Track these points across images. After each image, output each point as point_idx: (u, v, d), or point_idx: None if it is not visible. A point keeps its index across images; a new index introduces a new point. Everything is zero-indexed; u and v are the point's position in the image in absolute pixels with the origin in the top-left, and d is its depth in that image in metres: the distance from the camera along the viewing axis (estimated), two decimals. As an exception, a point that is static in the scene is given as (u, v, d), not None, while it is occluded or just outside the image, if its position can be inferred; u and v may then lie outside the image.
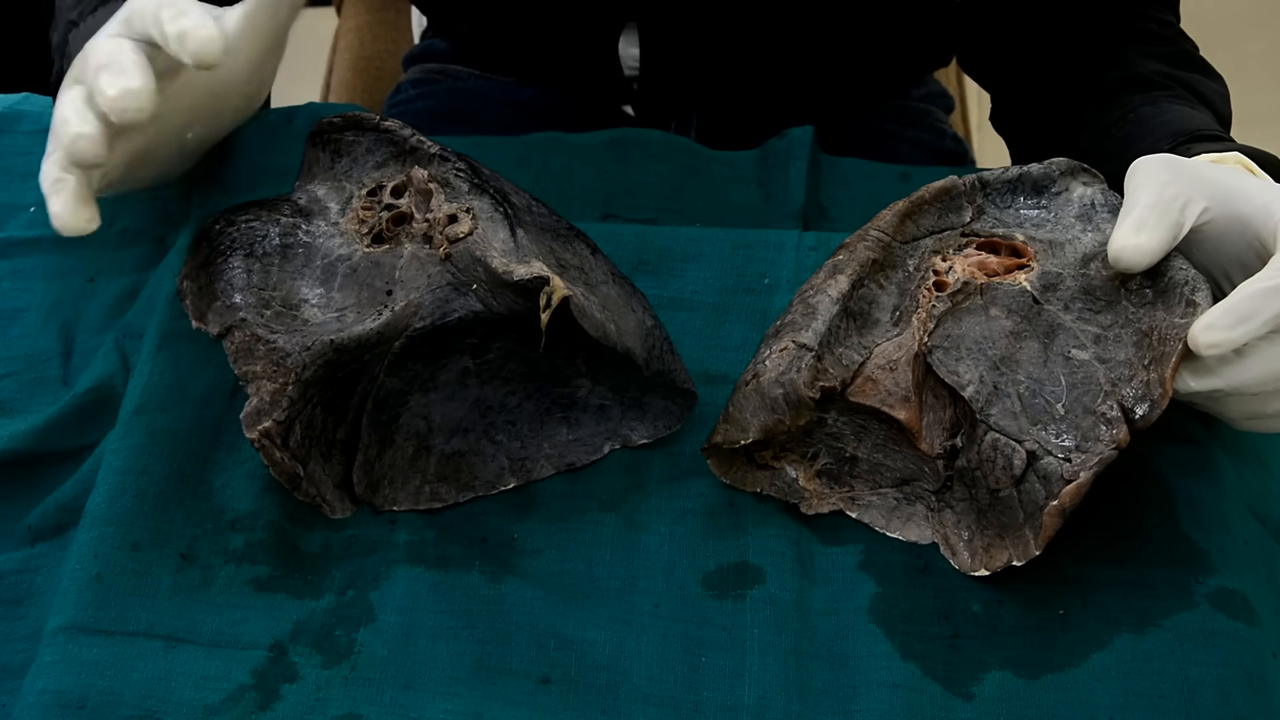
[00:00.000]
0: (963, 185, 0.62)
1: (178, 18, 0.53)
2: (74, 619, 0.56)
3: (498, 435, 0.62)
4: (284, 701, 0.54)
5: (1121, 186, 0.63)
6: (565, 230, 0.62)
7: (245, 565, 0.58)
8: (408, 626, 0.56)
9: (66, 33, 0.68)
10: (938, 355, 0.57)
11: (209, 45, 0.52)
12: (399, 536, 0.59)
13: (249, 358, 0.57)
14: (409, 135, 0.63)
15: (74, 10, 0.68)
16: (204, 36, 0.52)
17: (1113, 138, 0.71)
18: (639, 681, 0.55)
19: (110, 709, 0.54)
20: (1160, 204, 0.55)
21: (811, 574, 0.58)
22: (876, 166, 0.78)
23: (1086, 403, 0.55)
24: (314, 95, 1.24)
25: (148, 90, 0.53)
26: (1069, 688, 0.54)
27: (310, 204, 0.63)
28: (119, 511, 0.59)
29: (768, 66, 0.87)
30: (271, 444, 0.55)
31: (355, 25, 1.23)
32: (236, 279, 0.59)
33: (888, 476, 0.60)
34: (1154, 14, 0.77)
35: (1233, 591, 0.56)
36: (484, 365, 0.61)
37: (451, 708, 0.54)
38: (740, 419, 0.58)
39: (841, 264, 0.60)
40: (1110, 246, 0.56)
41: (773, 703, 0.54)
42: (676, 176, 0.76)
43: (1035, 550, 0.54)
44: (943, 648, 0.56)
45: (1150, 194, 0.55)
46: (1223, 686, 0.54)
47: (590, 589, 0.58)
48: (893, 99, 0.99)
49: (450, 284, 0.58)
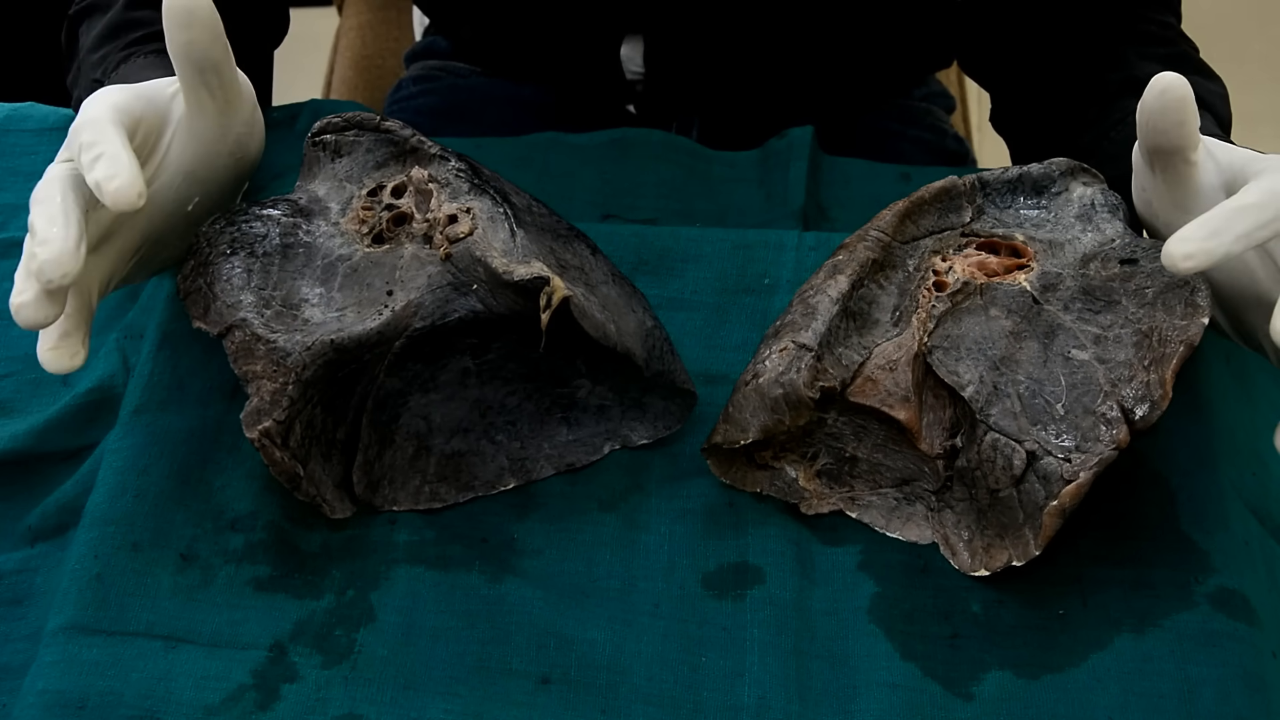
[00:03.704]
0: (963, 185, 0.62)
1: (94, 165, 0.52)
2: (74, 619, 0.56)
3: (498, 435, 0.62)
4: (284, 701, 0.54)
5: (1121, 188, 0.63)
6: (565, 230, 0.62)
7: (245, 565, 0.58)
8: (408, 626, 0.56)
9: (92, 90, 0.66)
10: (937, 355, 0.57)
11: (123, 195, 0.51)
12: (399, 536, 0.59)
13: (249, 358, 0.57)
14: (409, 135, 0.63)
15: (98, 69, 0.67)
16: (116, 187, 0.51)
17: (1112, 140, 0.71)
18: (639, 681, 0.55)
19: (110, 709, 0.54)
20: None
21: (811, 574, 0.58)
22: (876, 166, 0.78)
23: (1086, 403, 0.55)
24: (315, 93, 1.24)
25: (67, 255, 0.50)
26: (1069, 688, 0.54)
27: (311, 204, 0.63)
28: (119, 511, 0.59)
29: (771, 71, 0.87)
30: (271, 444, 0.56)
31: (356, 24, 1.24)
32: (237, 279, 0.59)
33: (888, 476, 0.60)
34: (1154, 15, 0.77)
35: (1233, 591, 0.56)
36: (484, 365, 0.61)
37: (451, 708, 0.54)
38: (740, 419, 0.58)
39: (841, 264, 0.60)
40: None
41: (773, 703, 0.54)
42: (676, 176, 0.76)
43: (1035, 550, 0.54)
44: (943, 648, 0.56)
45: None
46: (1223, 686, 0.54)
47: (590, 589, 0.58)
48: (894, 99, 0.99)
49: (450, 284, 0.58)
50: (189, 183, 0.60)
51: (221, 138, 0.60)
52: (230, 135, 0.61)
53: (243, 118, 0.62)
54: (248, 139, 0.63)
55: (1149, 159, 0.58)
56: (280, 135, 0.75)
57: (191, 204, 0.61)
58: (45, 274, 0.50)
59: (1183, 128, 0.55)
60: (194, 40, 0.56)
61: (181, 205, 0.61)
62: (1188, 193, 0.57)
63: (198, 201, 0.62)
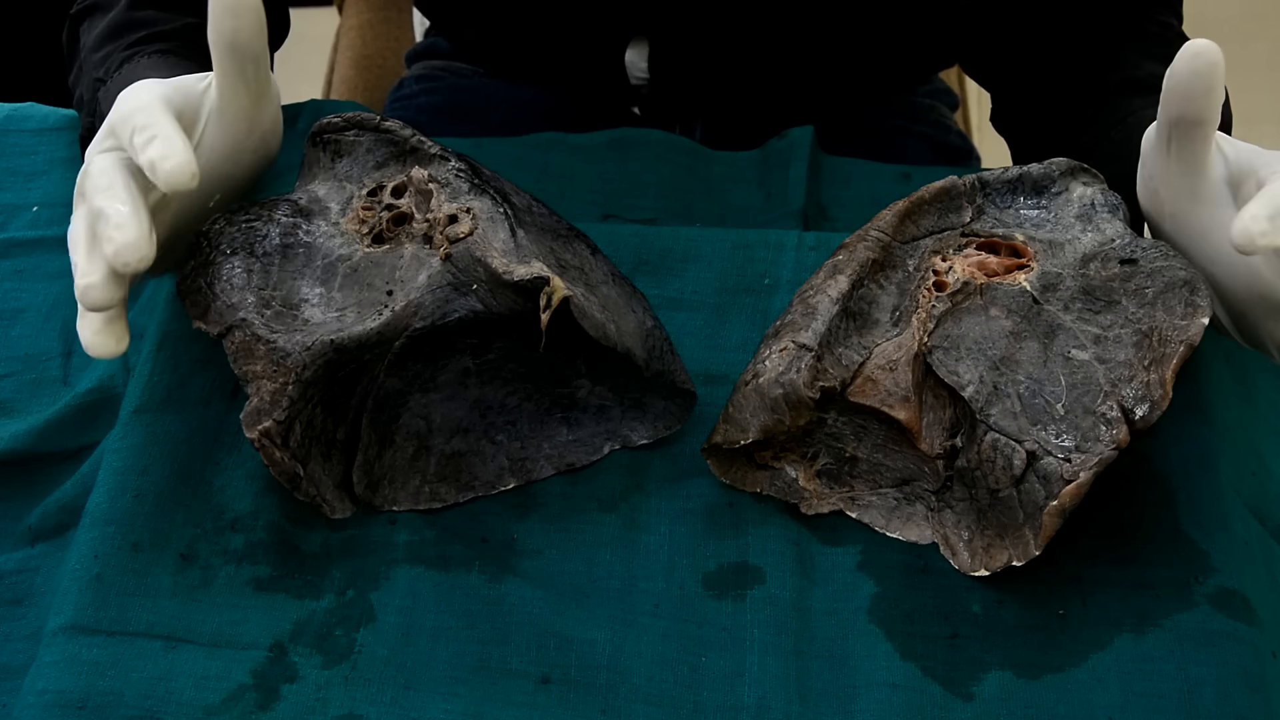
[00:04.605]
0: (963, 185, 0.62)
1: (147, 146, 0.52)
2: (74, 619, 0.56)
3: (498, 435, 0.62)
4: (284, 701, 0.54)
5: (1121, 188, 0.63)
6: (565, 230, 0.62)
7: (245, 565, 0.58)
8: (408, 626, 0.56)
9: (95, 90, 0.67)
10: (937, 355, 0.57)
11: (177, 175, 0.52)
12: (399, 536, 0.59)
13: (249, 358, 0.57)
14: (409, 135, 0.63)
15: (100, 68, 0.67)
16: (171, 167, 0.52)
17: (1112, 140, 0.71)
18: (639, 681, 0.55)
19: (110, 709, 0.54)
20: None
21: (811, 574, 0.58)
22: (876, 166, 0.78)
23: (1086, 403, 0.55)
24: (316, 94, 1.25)
25: (143, 239, 0.52)
26: (1069, 688, 0.54)
27: (311, 204, 0.63)
28: (119, 511, 0.59)
29: (775, 74, 0.87)
30: (271, 444, 0.56)
31: (357, 24, 1.24)
32: (237, 279, 0.59)
33: (888, 476, 0.60)
34: (1155, 16, 0.77)
35: (1233, 591, 0.56)
36: (484, 365, 0.61)
37: (451, 708, 0.54)
38: (740, 419, 0.58)
39: (841, 264, 0.60)
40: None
41: (773, 703, 0.54)
42: (676, 176, 0.76)
43: (1035, 550, 0.54)
44: (943, 648, 0.56)
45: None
46: (1223, 686, 0.54)
47: (590, 589, 0.58)
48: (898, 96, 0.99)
49: (450, 284, 0.58)
50: (214, 178, 0.61)
51: (250, 132, 0.61)
52: (257, 131, 0.61)
53: (270, 114, 0.62)
54: (271, 137, 0.63)
55: (1168, 134, 0.57)
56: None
57: (213, 200, 0.62)
58: (122, 257, 0.52)
59: (1210, 96, 0.54)
60: (240, 29, 0.56)
61: (205, 200, 0.61)
62: (1202, 179, 0.56)
63: (219, 198, 0.62)
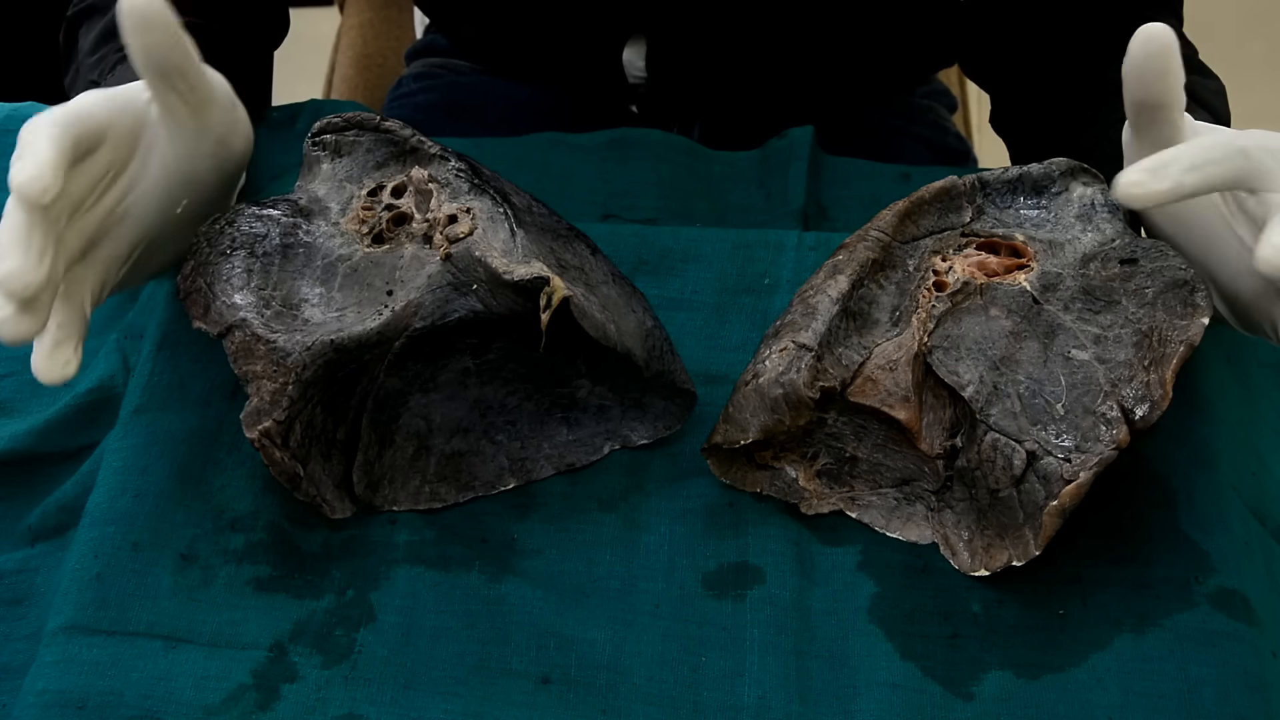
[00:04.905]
0: (962, 185, 0.62)
1: (14, 163, 0.50)
2: (74, 619, 0.56)
3: (498, 435, 0.62)
4: (284, 701, 0.54)
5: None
6: (565, 230, 0.62)
7: (245, 565, 0.58)
8: (408, 626, 0.56)
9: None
10: (937, 355, 0.57)
11: (28, 186, 0.49)
12: (399, 536, 0.59)
13: (249, 358, 0.57)
14: (409, 135, 0.63)
15: (95, 70, 0.67)
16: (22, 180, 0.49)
17: (1112, 139, 0.71)
18: (639, 681, 0.55)
19: (110, 709, 0.54)
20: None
21: (811, 574, 0.58)
22: (876, 166, 0.78)
23: (1086, 403, 0.55)
24: (316, 93, 1.25)
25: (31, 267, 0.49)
26: (1069, 688, 0.54)
27: (310, 204, 0.63)
28: (119, 511, 0.59)
29: (774, 74, 0.87)
30: (271, 444, 0.56)
31: (357, 23, 1.24)
32: (236, 279, 0.59)
33: (888, 476, 0.60)
34: (1155, 17, 0.77)
35: (1233, 591, 0.56)
36: (484, 365, 0.61)
37: (451, 708, 0.54)
38: (740, 419, 0.58)
39: (841, 264, 0.60)
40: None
41: (773, 703, 0.54)
42: (676, 176, 0.76)
43: (1035, 550, 0.54)
44: (943, 648, 0.56)
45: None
46: (1223, 686, 0.54)
47: (590, 589, 0.58)
48: (897, 96, 0.99)
49: (450, 284, 0.58)
50: (174, 185, 0.59)
51: (200, 137, 0.59)
52: (210, 135, 0.60)
53: (220, 116, 0.60)
54: (230, 136, 0.61)
55: (1135, 122, 0.57)
56: (280, 135, 0.75)
57: (180, 206, 0.60)
58: (6, 287, 0.49)
59: (1166, 78, 0.54)
60: (152, 44, 0.54)
61: (169, 208, 0.60)
62: None
63: (186, 204, 0.61)
